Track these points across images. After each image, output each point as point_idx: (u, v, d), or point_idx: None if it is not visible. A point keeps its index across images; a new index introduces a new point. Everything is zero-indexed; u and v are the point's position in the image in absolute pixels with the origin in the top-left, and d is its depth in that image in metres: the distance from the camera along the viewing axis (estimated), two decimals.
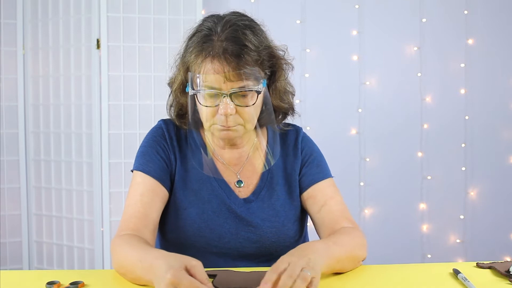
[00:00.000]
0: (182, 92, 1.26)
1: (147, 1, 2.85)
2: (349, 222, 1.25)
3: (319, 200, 1.28)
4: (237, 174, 1.30)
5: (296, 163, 1.32)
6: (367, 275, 1.13)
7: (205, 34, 1.17)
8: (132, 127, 2.86)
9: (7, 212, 2.99)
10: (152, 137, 1.30)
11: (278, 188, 1.29)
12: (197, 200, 1.25)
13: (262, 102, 1.22)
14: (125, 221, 1.19)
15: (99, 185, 2.83)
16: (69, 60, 2.89)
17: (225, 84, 1.13)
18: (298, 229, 1.29)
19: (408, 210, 3.31)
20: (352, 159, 3.26)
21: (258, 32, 1.20)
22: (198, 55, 1.16)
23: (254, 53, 1.15)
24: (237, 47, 1.13)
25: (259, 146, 1.33)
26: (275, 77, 1.25)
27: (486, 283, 1.06)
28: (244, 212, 1.25)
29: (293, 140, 1.34)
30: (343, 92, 3.26)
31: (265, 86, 1.20)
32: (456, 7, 3.29)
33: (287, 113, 1.33)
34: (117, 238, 1.15)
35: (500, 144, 3.34)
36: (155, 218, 1.21)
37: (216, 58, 1.13)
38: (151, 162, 1.25)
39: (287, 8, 3.19)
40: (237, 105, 1.16)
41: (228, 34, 1.15)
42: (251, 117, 1.19)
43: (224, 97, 1.14)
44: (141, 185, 1.23)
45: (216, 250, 1.24)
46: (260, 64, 1.17)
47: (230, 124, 1.17)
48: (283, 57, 1.25)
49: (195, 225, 1.23)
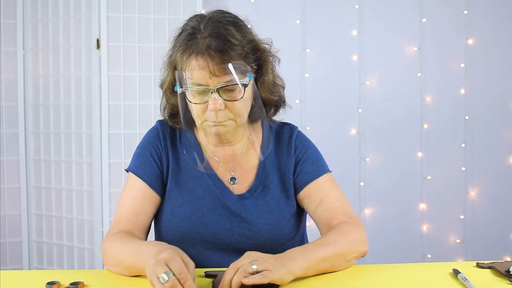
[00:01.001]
0: (172, 92, 1.29)
1: (147, 1, 2.85)
2: (347, 217, 1.25)
3: (315, 200, 1.28)
4: (231, 171, 1.31)
5: (289, 162, 1.32)
6: (367, 274, 1.13)
7: (189, 32, 1.20)
8: (132, 127, 2.85)
9: (7, 212, 2.99)
10: (148, 138, 1.34)
11: (272, 187, 1.30)
12: (192, 197, 1.27)
13: (251, 96, 1.24)
14: (116, 221, 1.25)
15: (99, 185, 2.83)
16: (69, 60, 2.89)
17: (211, 79, 1.16)
18: (294, 227, 1.30)
19: (408, 210, 3.31)
20: (352, 159, 3.26)
21: (242, 28, 1.22)
22: (183, 53, 1.19)
23: (238, 48, 1.17)
24: (220, 42, 1.16)
25: (253, 143, 1.34)
26: (262, 71, 1.27)
27: (486, 283, 1.06)
28: (239, 208, 1.26)
29: (287, 139, 1.35)
30: (343, 92, 3.25)
31: (251, 79, 1.21)
32: (456, 7, 3.29)
33: (279, 106, 1.34)
34: (109, 236, 1.20)
35: (500, 144, 3.34)
36: (145, 222, 1.26)
37: (200, 54, 1.16)
38: (144, 165, 1.29)
39: (287, 8, 3.19)
40: (226, 100, 1.18)
41: (211, 31, 1.18)
42: (240, 111, 1.21)
43: (212, 92, 1.16)
44: (133, 188, 1.28)
45: (211, 246, 1.25)
46: (245, 58, 1.19)
47: (221, 119, 1.19)
48: (268, 50, 1.27)
49: (190, 222, 1.24)
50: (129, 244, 1.13)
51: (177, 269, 0.93)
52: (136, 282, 1.08)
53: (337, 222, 1.23)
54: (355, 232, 1.19)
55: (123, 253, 1.12)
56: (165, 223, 1.27)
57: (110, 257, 1.15)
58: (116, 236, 1.19)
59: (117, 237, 1.18)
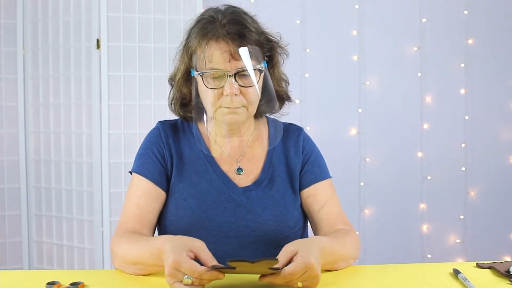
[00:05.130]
0: (185, 81, 1.31)
1: (147, 1, 2.85)
2: (346, 224, 1.31)
3: (320, 200, 1.33)
4: (237, 162, 1.33)
5: (297, 159, 1.36)
6: (367, 274, 1.14)
7: (208, 20, 1.24)
8: (132, 127, 2.85)
9: (7, 212, 2.99)
10: (149, 138, 1.35)
11: (278, 181, 1.32)
12: (196, 191, 1.28)
13: (262, 86, 1.26)
14: (123, 222, 1.26)
15: (99, 185, 2.83)
16: (69, 60, 2.89)
17: (230, 63, 1.19)
18: (298, 221, 1.32)
19: (408, 210, 3.31)
20: (352, 159, 3.26)
21: (254, 19, 1.28)
22: (202, 38, 1.22)
23: (254, 35, 1.23)
24: (239, 27, 1.21)
25: (259, 135, 1.37)
26: (273, 62, 1.31)
27: (486, 283, 1.06)
28: (244, 200, 1.28)
29: (294, 137, 1.39)
30: (343, 92, 3.25)
31: (266, 68, 1.25)
32: (456, 7, 3.29)
33: (284, 99, 1.37)
34: (117, 237, 1.21)
35: (500, 144, 3.34)
36: (151, 219, 1.27)
37: (220, 38, 1.20)
38: (147, 164, 1.31)
39: (287, 8, 3.19)
40: (241, 86, 1.21)
41: (230, 18, 1.22)
42: (254, 98, 1.24)
43: (229, 76, 1.19)
44: (138, 188, 1.29)
45: (216, 239, 1.25)
46: (261, 46, 1.24)
47: (235, 104, 1.21)
48: (279, 43, 1.31)
49: (195, 215, 1.25)
50: (139, 243, 1.13)
51: (188, 271, 0.95)
52: (137, 282, 1.08)
53: (340, 227, 1.29)
54: (356, 240, 1.26)
55: (134, 252, 1.12)
56: (169, 217, 1.28)
57: (120, 257, 1.15)
58: (124, 236, 1.19)
59: (125, 237, 1.19)
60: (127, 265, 1.14)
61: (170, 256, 0.96)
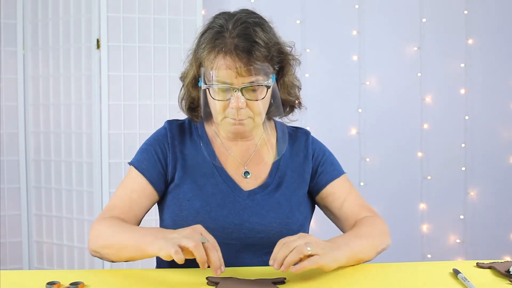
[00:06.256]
0: (194, 86, 1.31)
1: (147, 1, 2.85)
2: (369, 211, 1.35)
3: (339, 197, 1.35)
4: (245, 165, 1.34)
5: (306, 164, 1.37)
6: (367, 274, 1.14)
7: (217, 30, 1.22)
8: (132, 127, 2.85)
9: (7, 212, 2.99)
10: (155, 136, 1.35)
11: (285, 185, 1.32)
12: (201, 193, 1.28)
13: (270, 96, 1.27)
14: (110, 208, 1.27)
15: (99, 185, 2.83)
16: (69, 60, 2.89)
17: (237, 79, 1.19)
18: (302, 224, 1.32)
19: (408, 210, 3.31)
20: (352, 159, 3.26)
21: (267, 29, 1.25)
22: (210, 51, 1.21)
23: (263, 49, 1.21)
24: (248, 44, 1.19)
25: (267, 140, 1.37)
26: (283, 72, 1.31)
27: (486, 283, 1.06)
28: (249, 203, 1.28)
29: (302, 142, 1.40)
30: (343, 92, 3.25)
31: (274, 81, 1.26)
32: (456, 7, 3.29)
33: (294, 106, 1.39)
34: (100, 220, 1.22)
35: (500, 144, 3.34)
36: (139, 215, 1.29)
37: (228, 54, 1.18)
38: (147, 161, 1.31)
39: (287, 8, 3.19)
40: (248, 99, 1.21)
41: (239, 31, 1.20)
42: (260, 111, 1.24)
43: (235, 91, 1.19)
44: (134, 182, 1.30)
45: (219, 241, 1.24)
46: (270, 60, 1.23)
47: (241, 117, 1.22)
48: (291, 53, 1.31)
49: (199, 216, 1.25)
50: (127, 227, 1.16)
51: (211, 239, 1.04)
52: (137, 282, 1.08)
53: (363, 216, 1.32)
54: (382, 225, 1.29)
55: (119, 234, 1.14)
56: (173, 218, 1.28)
57: (101, 238, 1.17)
58: (109, 219, 1.20)
59: (110, 220, 1.20)
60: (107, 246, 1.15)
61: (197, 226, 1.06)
